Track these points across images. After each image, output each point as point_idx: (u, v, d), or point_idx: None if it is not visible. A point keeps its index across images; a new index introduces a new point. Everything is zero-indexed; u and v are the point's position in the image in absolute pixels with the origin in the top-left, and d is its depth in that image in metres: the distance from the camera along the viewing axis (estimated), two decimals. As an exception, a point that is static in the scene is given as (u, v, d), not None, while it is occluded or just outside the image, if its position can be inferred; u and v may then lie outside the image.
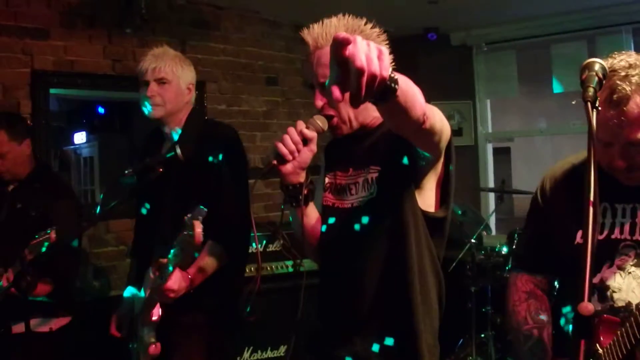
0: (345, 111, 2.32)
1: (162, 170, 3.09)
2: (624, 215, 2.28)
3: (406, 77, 1.77)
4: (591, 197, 1.47)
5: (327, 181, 2.58)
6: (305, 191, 2.41)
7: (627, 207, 2.28)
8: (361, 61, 1.47)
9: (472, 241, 5.73)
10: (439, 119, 2.04)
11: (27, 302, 3.37)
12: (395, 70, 1.72)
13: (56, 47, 5.12)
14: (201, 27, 6.03)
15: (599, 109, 1.66)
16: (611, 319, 2.14)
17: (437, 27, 7.18)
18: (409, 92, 1.79)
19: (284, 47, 6.63)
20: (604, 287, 2.25)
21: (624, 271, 2.22)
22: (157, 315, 3.00)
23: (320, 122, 2.28)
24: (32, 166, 3.97)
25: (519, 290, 2.55)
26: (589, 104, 1.65)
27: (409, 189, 2.26)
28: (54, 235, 3.27)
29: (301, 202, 2.43)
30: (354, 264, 2.39)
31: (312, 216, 2.57)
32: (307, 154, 2.29)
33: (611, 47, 6.46)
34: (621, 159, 2.13)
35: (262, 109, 6.49)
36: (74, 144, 9.36)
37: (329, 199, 2.53)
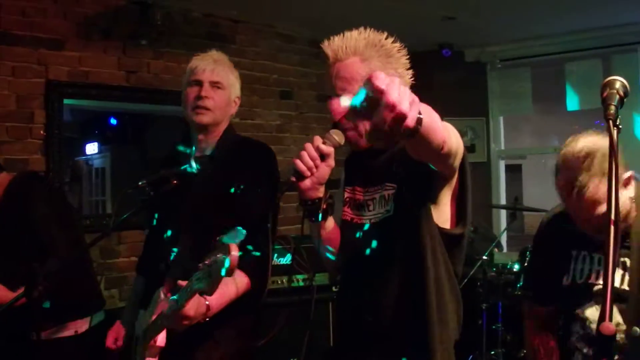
0: (362, 125, 2.28)
1: (176, 182, 2.99)
2: (599, 263, 2.62)
3: (427, 106, 1.75)
4: (612, 216, 1.46)
5: (346, 195, 2.58)
6: (324, 206, 2.41)
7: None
8: (395, 98, 1.48)
9: (484, 258, 5.71)
10: (455, 140, 2.02)
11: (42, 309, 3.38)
12: (411, 86, 1.72)
13: (71, 57, 5.15)
14: (216, 40, 6.05)
15: (620, 127, 1.65)
16: None
17: (451, 43, 7.20)
18: (431, 125, 1.77)
19: (299, 61, 6.64)
20: (583, 319, 2.61)
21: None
22: (162, 341, 2.80)
23: (337, 136, 2.27)
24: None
25: (533, 324, 2.96)
26: (611, 122, 1.64)
27: (426, 205, 2.24)
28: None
29: (320, 217, 2.42)
30: (370, 281, 2.38)
31: (332, 230, 2.55)
32: (325, 169, 2.29)
33: (626, 66, 6.50)
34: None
35: (275, 123, 6.50)
36: (86, 155, 9.36)
37: (347, 214, 2.53)
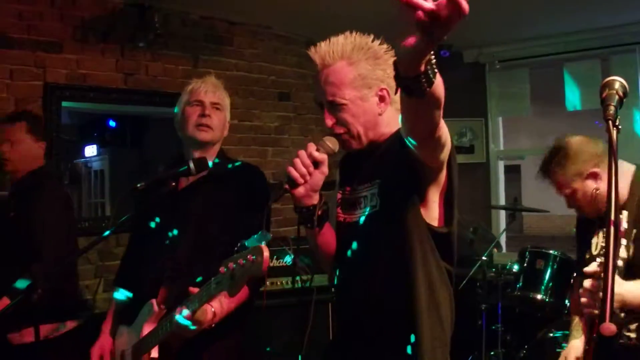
0: (355, 128, 2.34)
1: (174, 184, 3.04)
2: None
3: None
4: (612, 216, 1.45)
5: (338, 197, 2.59)
6: (319, 212, 2.41)
7: None
8: None
9: (483, 258, 5.71)
10: (445, 130, 2.06)
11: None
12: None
13: (69, 60, 5.14)
14: (214, 42, 6.05)
15: (620, 127, 1.64)
16: None
17: (450, 44, 7.17)
18: (439, 90, 1.84)
19: (296, 63, 6.65)
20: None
21: None
22: (155, 353, 2.83)
23: (330, 143, 2.30)
24: (34, 168, 3.96)
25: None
26: (610, 123, 1.64)
27: (412, 201, 2.26)
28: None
29: (315, 223, 2.42)
30: (362, 278, 2.41)
31: (328, 235, 2.56)
32: (319, 176, 2.31)
33: (625, 66, 6.49)
34: None
35: (274, 124, 6.49)
36: (85, 157, 9.36)
37: (340, 215, 2.55)
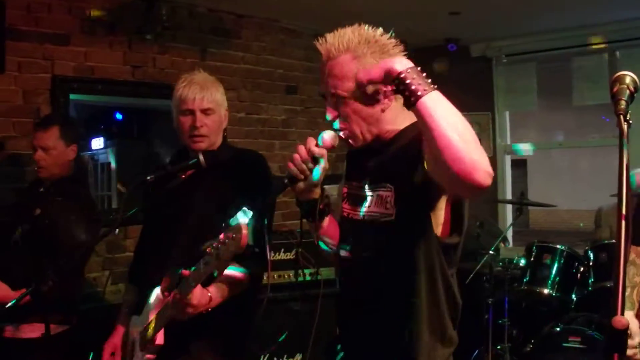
0: (356, 125, 2.29)
1: (184, 177, 3.05)
2: None
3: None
4: (623, 210, 1.45)
5: (344, 190, 2.57)
6: (320, 206, 2.42)
7: None
8: None
9: (490, 252, 5.71)
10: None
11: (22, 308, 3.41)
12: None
13: (77, 53, 5.14)
14: (221, 35, 6.05)
15: (631, 122, 1.64)
16: None
17: (457, 38, 7.18)
18: (444, 116, 1.86)
19: (304, 56, 6.65)
20: None
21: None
22: (160, 339, 2.83)
23: (329, 138, 2.27)
24: (68, 173, 4.02)
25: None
26: (622, 117, 1.64)
27: (425, 211, 2.22)
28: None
29: (316, 217, 2.44)
30: (365, 279, 2.40)
31: (332, 229, 2.57)
32: (319, 171, 2.29)
33: (632, 61, 6.47)
34: None
35: (281, 118, 6.50)
36: (92, 150, 9.37)
37: (345, 209, 2.53)
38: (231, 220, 2.43)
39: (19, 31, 4.80)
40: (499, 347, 5.70)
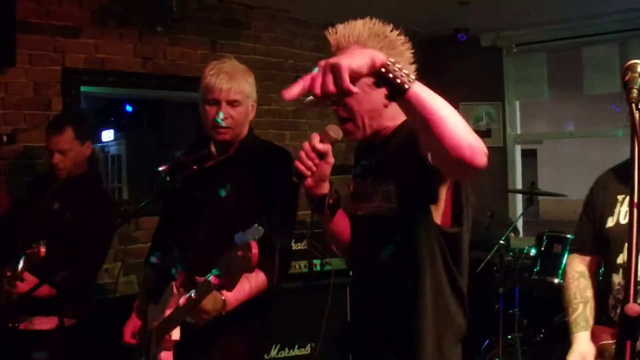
0: (359, 116, 2.31)
1: (196, 168, 3.03)
2: None
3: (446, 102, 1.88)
4: (635, 199, 1.45)
5: (351, 187, 2.60)
6: (329, 201, 2.42)
7: None
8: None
9: (501, 242, 5.71)
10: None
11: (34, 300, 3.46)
12: (427, 71, 1.79)
13: (87, 45, 5.15)
14: (232, 26, 6.04)
15: None
16: None
17: (467, 28, 7.15)
18: (436, 106, 1.85)
19: (314, 47, 6.62)
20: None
21: None
22: (177, 335, 2.83)
23: (333, 132, 2.26)
24: (84, 170, 4.06)
25: (573, 269, 3.26)
26: (633, 106, 1.64)
27: (426, 203, 2.25)
28: (43, 250, 3.27)
29: (326, 212, 2.44)
30: (372, 273, 2.43)
31: (342, 222, 2.58)
32: (325, 166, 2.30)
33: (644, 50, 6.44)
34: None
35: (291, 108, 6.47)
36: (102, 142, 9.42)
37: (352, 207, 2.56)
38: (242, 236, 2.43)
39: (29, 24, 4.81)
40: (509, 336, 5.71)
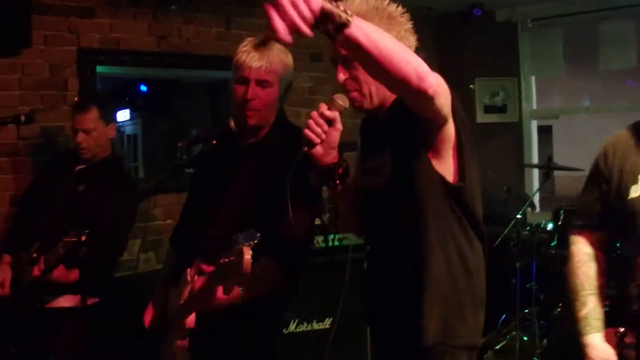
0: (366, 86, 2.35)
1: (215, 142, 2.95)
2: None
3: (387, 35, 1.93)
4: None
5: (358, 164, 2.64)
6: (339, 170, 2.46)
7: None
8: None
9: (518, 217, 5.70)
10: (436, 80, 2.03)
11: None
12: (442, 47, 1.81)
13: (102, 25, 5.17)
14: (245, 3, 6.01)
15: None
16: None
17: (482, 3, 7.10)
18: (381, 42, 1.87)
19: (329, 24, 6.57)
20: None
21: None
22: (191, 323, 2.79)
23: (340, 100, 2.32)
24: (108, 152, 4.11)
25: (580, 251, 2.79)
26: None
27: (423, 160, 2.29)
28: (84, 238, 3.29)
29: (336, 181, 2.48)
30: (381, 246, 2.52)
31: (350, 194, 2.60)
32: (334, 133, 2.35)
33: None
34: None
35: (307, 85, 6.47)
36: (117, 122, 9.45)
37: (359, 182, 2.58)
38: (238, 239, 2.39)
39: (44, 5, 4.84)
40: (526, 311, 5.73)
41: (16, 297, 3.85)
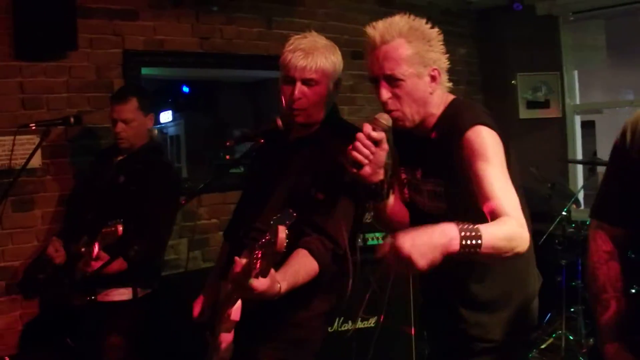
0: (408, 106, 2.44)
1: (263, 141, 2.96)
2: None
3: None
4: None
5: (402, 176, 2.70)
6: (385, 186, 2.56)
7: None
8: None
9: (563, 214, 5.65)
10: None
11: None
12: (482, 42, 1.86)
13: (145, 27, 5.22)
14: (286, 3, 6.04)
15: None
16: None
17: (522, -4, 7.05)
18: (496, 244, 2.07)
19: (368, 21, 6.49)
20: None
21: None
22: (236, 315, 2.78)
23: (384, 120, 2.40)
24: (147, 142, 4.18)
25: (599, 249, 2.48)
26: None
27: (472, 194, 2.33)
28: (121, 229, 3.34)
29: (385, 195, 2.58)
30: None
31: (397, 204, 2.69)
32: (381, 153, 2.41)
33: None
34: None
35: (348, 83, 6.44)
36: (160, 123, 9.54)
37: (408, 195, 2.67)
38: (275, 219, 2.42)
39: (89, 9, 4.90)
40: (572, 309, 5.68)
41: (69, 291, 3.92)
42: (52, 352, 4.00)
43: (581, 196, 7.16)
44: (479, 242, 1.97)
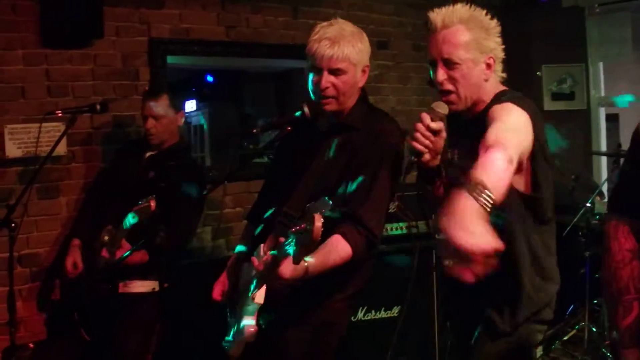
0: (463, 88, 2.50)
1: (290, 129, 2.98)
2: None
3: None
4: None
5: (451, 157, 2.72)
6: (444, 172, 2.64)
7: None
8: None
9: (587, 205, 5.62)
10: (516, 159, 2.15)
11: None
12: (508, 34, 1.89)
13: (172, 15, 5.25)
14: (311, -8, 6.05)
15: None
16: None
17: (548, -12, 7.01)
18: None
19: (394, 11, 6.52)
20: None
21: None
22: (260, 299, 2.82)
23: (441, 109, 2.45)
24: (176, 139, 4.19)
25: (622, 248, 2.35)
26: None
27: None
28: (154, 204, 3.38)
29: (443, 177, 2.64)
30: None
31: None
32: (440, 142, 2.48)
33: None
34: None
35: (373, 73, 6.38)
36: (185, 113, 9.54)
37: (445, 175, 2.68)
38: (311, 207, 2.44)
39: (115, -3, 4.93)
40: (595, 301, 5.65)
41: (90, 282, 3.97)
42: (70, 343, 4.03)
43: (605, 188, 7.13)
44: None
